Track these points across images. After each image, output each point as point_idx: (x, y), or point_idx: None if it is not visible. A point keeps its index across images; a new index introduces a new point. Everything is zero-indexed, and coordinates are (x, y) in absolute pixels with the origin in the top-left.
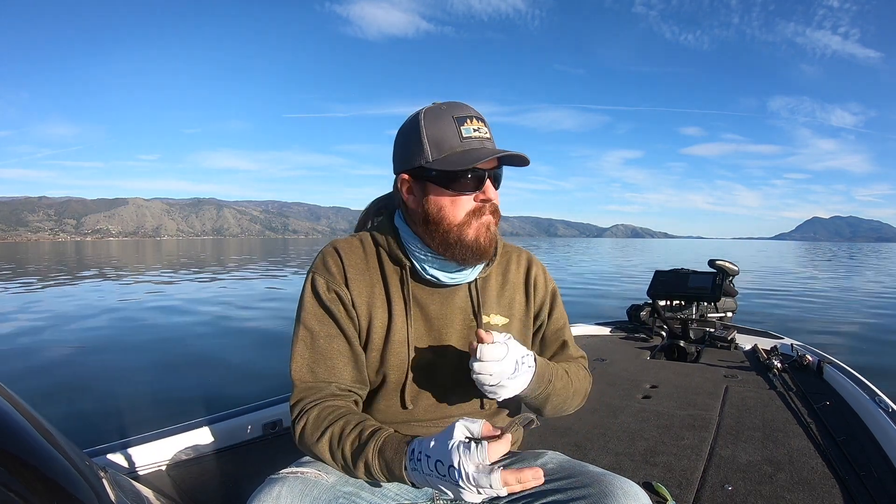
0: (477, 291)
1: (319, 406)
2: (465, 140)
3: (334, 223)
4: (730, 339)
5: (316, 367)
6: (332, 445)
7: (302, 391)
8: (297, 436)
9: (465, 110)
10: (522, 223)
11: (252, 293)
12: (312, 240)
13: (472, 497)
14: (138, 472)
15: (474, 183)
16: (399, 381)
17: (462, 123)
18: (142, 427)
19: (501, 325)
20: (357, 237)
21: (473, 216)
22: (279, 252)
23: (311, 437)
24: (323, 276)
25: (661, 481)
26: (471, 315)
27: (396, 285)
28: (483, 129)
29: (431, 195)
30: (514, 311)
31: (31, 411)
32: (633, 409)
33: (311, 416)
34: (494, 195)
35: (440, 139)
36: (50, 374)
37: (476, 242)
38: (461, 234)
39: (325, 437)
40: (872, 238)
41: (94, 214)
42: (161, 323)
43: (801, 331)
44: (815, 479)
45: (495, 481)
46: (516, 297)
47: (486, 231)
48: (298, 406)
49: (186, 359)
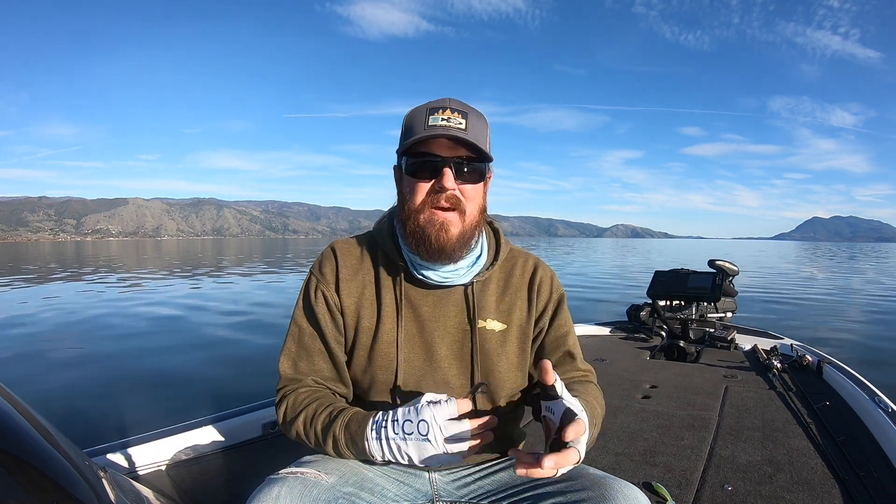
0: (473, 294)
1: (297, 392)
2: (428, 128)
3: (334, 223)
4: (729, 339)
5: (299, 362)
6: (305, 424)
7: (285, 381)
8: (279, 420)
9: (445, 102)
10: (522, 223)
11: (252, 293)
12: (312, 240)
13: (436, 451)
14: (138, 472)
15: (429, 170)
16: (388, 381)
17: (433, 113)
18: (142, 427)
19: (499, 330)
20: (360, 236)
21: (428, 205)
22: (278, 252)
23: (289, 417)
24: (316, 276)
25: (661, 481)
26: (465, 318)
27: (389, 286)
28: (456, 119)
29: (403, 184)
30: (514, 317)
31: (30, 411)
32: (632, 409)
33: (290, 400)
34: (451, 184)
35: (409, 127)
36: (50, 374)
37: (424, 236)
38: (415, 223)
39: (301, 416)
40: (872, 238)
41: (94, 214)
42: (161, 323)
43: (800, 331)
44: (815, 480)
45: (464, 426)
46: (517, 302)
47: (434, 228)
48: (280, 393)
49: (187, 359)
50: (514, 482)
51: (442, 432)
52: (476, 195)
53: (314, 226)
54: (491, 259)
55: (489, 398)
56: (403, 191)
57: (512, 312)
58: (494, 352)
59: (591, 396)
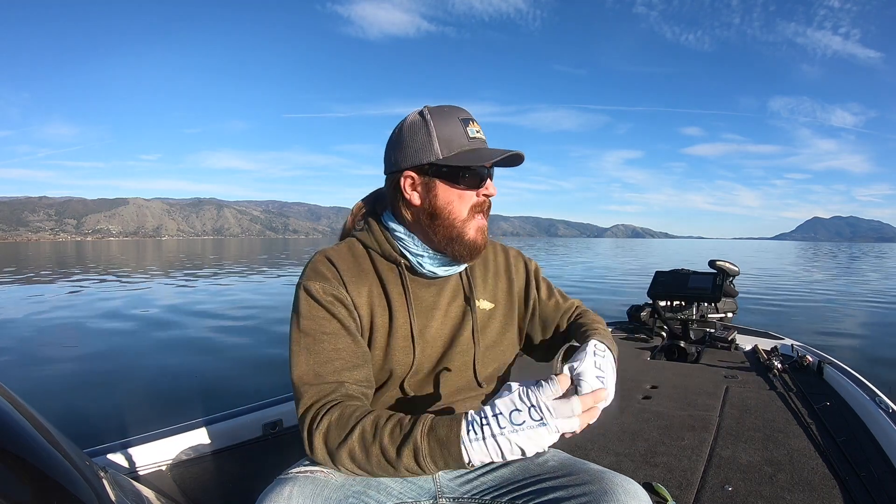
0: (469, 278)
1: (341, 405)
2: (471, 140)
3: (335, 223)
4: (730, 339)
5: (321, 370)
6: (365, 440)
7: (312, 396)
8: (318, 443)
9: (466, 113)
10: (523, 223)
11: (252, 293)
12: (313, 240)
13: (551, 436)
14: (138, 472)
15: (479, 179)
16: (403, 374)
17: (467, 125)
18: (142, 427)
19: (488, 309)
20: (344, 244)
21: (475, 211)
22: (279, 251)
23: (337, 438)
24: (318, 280)
25: (662, 482)
26: (462, 301)
27: (394, 283)
28: (481, 131)
29: (439, 191)
30: (499, 296)
31: (31, 411)
32: (633, 409)
33: (334, 417)
34: (495, 190)
35: (450, 138)
36: (50, 374)
37: (474, 242)
38: (463, 229)
39: (356, 433)
40: (873, 238)
41: (94, 214)
42: (162, 322)
43: (801, 331)
44: (816, 480)
45: (576, 405)
46: (499, 283)
47: (482, 234)
48: (311, 411)
49: (186, 359)
50: (515, 478)
51: (553, 415)
52: None
53: (314, 226)
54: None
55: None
56: (439, 200)
57: (497, 292)
58: (488, 328)
59: (599, 324)
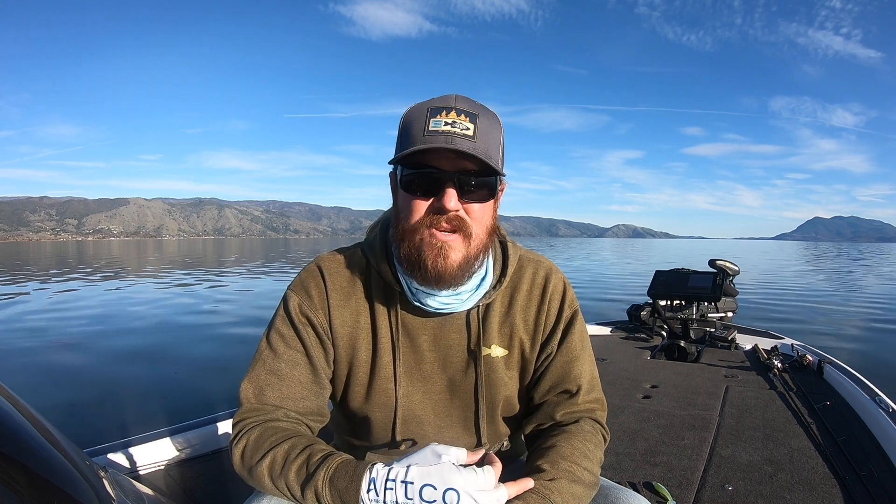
0: (479, 321)
1: (261, 427)
2: (428, 133)
3: (335, 223)
4: (730, 339)
5: (267, 391)
6: (273, 471)
7: (245, 412)
8: (236, 458)
9: (450, 101)
10: (524, 223)
11: (252, 292)
12: (314, 240)
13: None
14: (138, 472)
15: (426, 185)
16: (387, 418)
17: (435, 115)
18: (142, 427)
19: (501, 357)
20: (348, 252)
21: (428, 226)
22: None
23: (251, 460)
24: (299, 296)
25: (662, 481)
26: (468, 347)
27: (385, 313)
28: (462, 124)
29: (399, 198)
30: (515, 340)
31: (31, 411)
32: (633, 408)
33: (252, 437)
34: (454, 205)
35: (407, 131)
36: (50, 374)
37: (433, 266)
38: (419, 248)
39: (266, 460)
40: (874, 238)
41: (95, 214)
42: (162, 322)
43: (801, 331)
44: (816, 479)
45: (502, 496)
46: (521, 324)
47: (443, 256)
48: (238, 426)
49: (188, 358)
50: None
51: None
52: (484, 215)
53: (315, 226)
54: (497, 277)
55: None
56: (398, 205)
57: (514, 334)
58: (500, 381)
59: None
